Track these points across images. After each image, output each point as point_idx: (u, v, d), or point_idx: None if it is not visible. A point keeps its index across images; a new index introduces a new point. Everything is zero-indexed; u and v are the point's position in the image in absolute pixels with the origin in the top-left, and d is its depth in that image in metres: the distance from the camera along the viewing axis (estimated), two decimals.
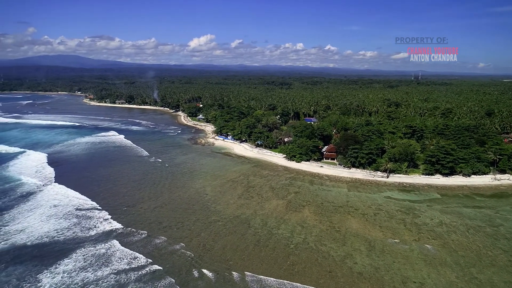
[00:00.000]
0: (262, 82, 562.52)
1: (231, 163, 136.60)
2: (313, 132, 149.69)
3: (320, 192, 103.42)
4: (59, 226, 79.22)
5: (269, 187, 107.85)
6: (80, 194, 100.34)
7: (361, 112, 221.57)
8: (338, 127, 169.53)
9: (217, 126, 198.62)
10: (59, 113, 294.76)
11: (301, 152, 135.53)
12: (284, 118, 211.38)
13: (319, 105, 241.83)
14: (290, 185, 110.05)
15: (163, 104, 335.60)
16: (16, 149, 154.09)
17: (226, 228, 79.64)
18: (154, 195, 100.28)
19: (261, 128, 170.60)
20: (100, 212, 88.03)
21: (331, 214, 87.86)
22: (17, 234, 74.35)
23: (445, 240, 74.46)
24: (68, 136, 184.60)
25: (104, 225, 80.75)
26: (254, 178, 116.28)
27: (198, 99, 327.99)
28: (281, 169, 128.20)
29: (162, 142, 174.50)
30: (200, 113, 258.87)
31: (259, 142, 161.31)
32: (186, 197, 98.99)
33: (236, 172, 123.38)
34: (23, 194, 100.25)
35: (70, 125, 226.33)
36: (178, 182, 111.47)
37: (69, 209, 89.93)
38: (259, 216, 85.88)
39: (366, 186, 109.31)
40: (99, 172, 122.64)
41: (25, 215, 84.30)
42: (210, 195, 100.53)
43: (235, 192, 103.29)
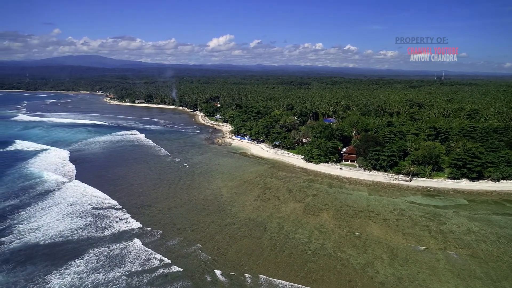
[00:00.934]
0: (281, 82, 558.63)
1: (247, 163, 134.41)
2: (332, 133, 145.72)
3: (339, 196, 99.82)
4: (75, 225, 78.81)
5: (286, 189, 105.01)
6: (97, 193, 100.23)
7: (382, 113, 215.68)
8: (358, 128, 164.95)
9: (234, 126, 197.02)
10: (80, 112, 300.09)
11: (320, 153, 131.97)
12: (303, 119, 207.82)
13: (338, 105, 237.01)
14: (308, 187, 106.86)
15: (181, 103, 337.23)
16: (38, 147, 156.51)
17: (241, 231, 77.36)
18: (169, 195, 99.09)
19: (278, 128, 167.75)
20: (116, 211, 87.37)
21: (350, 218, 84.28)
22: (31, 233, 74.21)
23: (474, 250, 69.85)
24: (87, 135, 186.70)
25: (119, 225, 79.85)
26: (271, 180, 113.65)
27: (216, 98, 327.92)
28: (299, 170, 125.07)
29: (179, 142, 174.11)
30: (217, 113, 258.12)
31: (277, 143, 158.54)
32: (202, 198, 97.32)
33: (252, 173, 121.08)
34: (42, 192, 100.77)
35: (90, 123, 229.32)
36: (194, 183, 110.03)
37: (85, 208, 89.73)
38: (276, 220, 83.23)
39: (387, 190, 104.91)
40: (116, 171, 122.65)
41: (41, 214, 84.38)
42: (226, 196, 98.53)
43: (251, 193, 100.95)
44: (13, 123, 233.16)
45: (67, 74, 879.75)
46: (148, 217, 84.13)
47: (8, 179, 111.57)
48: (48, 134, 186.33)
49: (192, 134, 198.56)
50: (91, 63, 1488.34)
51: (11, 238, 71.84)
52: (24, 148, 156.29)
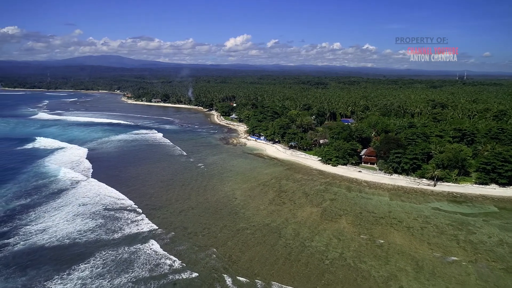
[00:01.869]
0: (297, 82, 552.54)
1: (262, 165, 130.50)
2: (351, 134, 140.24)
3: (358, 200, 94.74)
4: (84, 227, 76.62)
5: (303, 192, 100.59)
6: (110, 192, 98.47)
7: (402, 114, 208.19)
8: (377, 129, 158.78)
9: (249, 126, 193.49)
10: (97, 110, 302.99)
11: (338, 155, 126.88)
12: (320, 119, 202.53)
13: (357, 105, 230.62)
14: (326, 191, 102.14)
15: (197, 103, 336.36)
16: (54, 145, 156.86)
17: (254, 237, 73.52)
18: (181, 197, 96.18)
19: (295, 128, 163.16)
20: (128, 213, 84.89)
21: (371, 225, 79.25)
22: (38, 235, 72.25)
23: (509, 264, 63.92)
24: (103, 134, 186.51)
25: (130, 228, 77.19)
26: (286, 182, 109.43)
27: (232, 98, 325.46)
28: (316, 173, 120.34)
29: (194, 141, 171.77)
30: (233, 112, 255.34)
31: (293, 144, 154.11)
32: (214, 200, 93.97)
33: (267, 175, 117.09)
34: (54, 191, 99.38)
35: (106, 122, 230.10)
36: (207, 184, 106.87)
37: (97, 208, 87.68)
38: (291, 225, 79.02)
39: (410, 195, 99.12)
40: (129, 171, 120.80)
41: (51, 214, 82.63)
42: (240, 199, 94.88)
43: (266, 197, 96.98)
44: (32, 121, 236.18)
45: (87, 74, 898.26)
46: (158, 220, 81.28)
47: (22, 178, 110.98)
48: (64, 133, 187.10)
49: (207, 133, 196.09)
50: (111, 63, 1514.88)
51: (17, 239, 69.97)
52: (40, 146, 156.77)
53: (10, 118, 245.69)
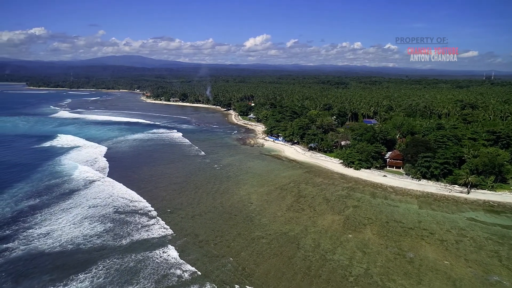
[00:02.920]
0: (317, 82, 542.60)
1: (280, 167, 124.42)
2: (374, 135, 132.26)
3: (384, 208, 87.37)
4: (91, 231, 72.62)
5: (323, 198, 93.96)
6: (123, 194, 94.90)
7: (428, 114, 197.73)
8: (403, 131, 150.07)
9: (267, 126, 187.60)
10: (115, 109, 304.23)
11: (361, 158, 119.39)
12: (341, 119, 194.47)
13: (379, 105, 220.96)
14: (348, 196, 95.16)
15: (215, 102, 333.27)
16: (70, 144, 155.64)
17: (271, 247, 67.63)
18: (194, 201, 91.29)
19: (315, 129, 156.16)
20: (139, 217, 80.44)
21: (399, 237, 72.02)
22: (40, 239, 68.53)
23: None
24: (119, 133, 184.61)
25: (139, 234, 72.49)
26: (305, 186, 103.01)
27: (251, 97, 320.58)
28: (337, 176, 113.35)
29: (210, 142, 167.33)
30: (251, 112, 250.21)
31: (313, 145, 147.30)
32: (229, 205, 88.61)
33: (285, 178, 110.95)
34: (65, 191, 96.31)
35: (123, 121, 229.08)
36: (221, 187, 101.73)
37: (107, 211, 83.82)
38: (311, 235, 72.72)
39: (441, 203, 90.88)
40: (142, 171, 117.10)
41: (58, 216, 79.10)
42: (255, 204, 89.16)
43: (284, 202, 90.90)
44: (51, 119, 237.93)
45: (109, 74, 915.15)
46: (169, 226, 76.45)
47: (36, 177, 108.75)
48: (81, 132, 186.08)
49: (224, 133, 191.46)
50: (132, 63, 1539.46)
51: (16, 244, 66.26)
52: (57, 144, 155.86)
53: (31, 116, 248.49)
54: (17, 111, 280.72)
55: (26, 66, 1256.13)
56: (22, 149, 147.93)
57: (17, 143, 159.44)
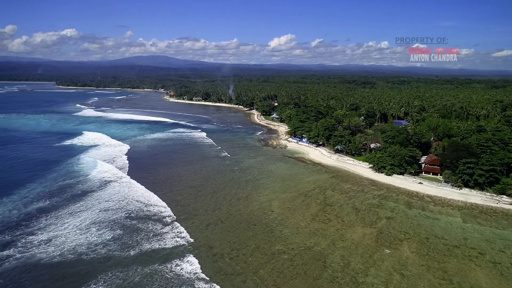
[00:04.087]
0: (342, 81, 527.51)
1: (304, 171, 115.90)
2: (407, 138, 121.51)
3: (422, 221, 77.40)
4: (96, 239, 66.93)
5: (352, 207, 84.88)
6: (139, 197, 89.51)
7: (465, 116, 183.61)
8: (438, 133, 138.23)
9: (291, 126, 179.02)
10: (138, 108, 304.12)
11: (393, 162, 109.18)
12: (369, 120, 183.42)
13: (410, 105, 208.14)
14: (380, 206, 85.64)
15: (238, 101, 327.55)
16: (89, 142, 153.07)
17: (293, 264, 59.57)
18: (210, 207, 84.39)
19: (342, 130, 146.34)
20: (152, 224, 74.12)
21: (443, 257, 62.24)
22: (40, 246, 63.10)
23: None
24: (138, 132, 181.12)
25: (150, 243, 65.93)
26: (332, 193, 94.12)
27: (274, 97, 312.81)
28: (367, 183, 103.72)
29: (231, 142, 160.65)
30: (274, 112, 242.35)
31: (339, 147, 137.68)
32: (247, 212, 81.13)
33: (310, 183, 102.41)
34: (77, 193, 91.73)
35: (144, 120, 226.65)
36: (240, 192, 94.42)
37: (118, 215, 78.28)
38: (339, 251, 64.13)
39: (489, 216, 79.89)
40: (158, 173, 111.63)
41: (64, 221, 74.03)
42: (277, 212, 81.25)
43: (308, 211, 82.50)
44: (74, 118, 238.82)
45: (135, 73, 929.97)
46: (181, 235, 69.86)
47: (51, 176, 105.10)
48: (100, 130, 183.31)
49: (245, 133, 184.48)
50: (158, 63, 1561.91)
51: (12, 252, 60.96)
52: (77, 143, 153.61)
53: (55, 114, 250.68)
54: (43, 109, 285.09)
55: (57, 66, 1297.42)
56: (41, 147, 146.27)
57: (37, 141, 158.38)
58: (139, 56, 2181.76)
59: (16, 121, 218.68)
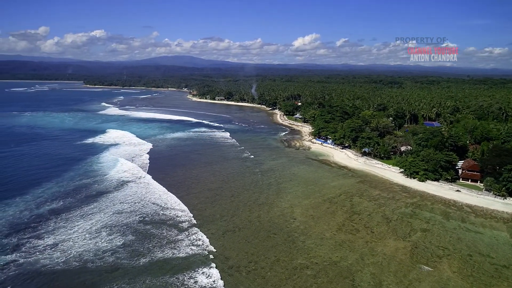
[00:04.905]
0: (368, 81, 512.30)
1: (329, 174, 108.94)
2: (442, 141, 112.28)
3: (463, 234, 69.20)
4: (106, 245, 62.88)
5: (382, 216, 77.50)
6: (156, 199, 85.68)
7: (504, 117, 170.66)
8: (475, 136, 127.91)
9: (315, 127, 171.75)
10: (160, 107, 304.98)
11: (427, 167, 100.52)
12: (399, 121, 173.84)
13: (443, 106, 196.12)
14: (413, 216, 77.83)
15: (261, 101, 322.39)
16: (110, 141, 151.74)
17: (317, 282, 53.27)
18: (228, 212, 79.16)
19: (369, 132, 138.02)
20: (167, 230, 69.60)
21: (490, 279, 54.26)
22: (45, 252, 59.47)
23: None
24: (159, 131, 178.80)
25: (163, 252, 61.15)
26: (360, 200, 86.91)
27: (297, 97, 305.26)
28: (398, 189, 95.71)
29: (252, 143, 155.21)
30: (297, 112, 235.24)
31: (366, 150, 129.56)
32: (268, 220, 75.33)
33: (335, 188, 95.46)
34: (92, 193, 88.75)
35: (166, 119, 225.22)
36: (260, 197, 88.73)
37: (132, 219, 74.39)
38: (369, 267, 57.29)
39: None
40: (176, 174, 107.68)
41: (74, 224, 70.60)
42: (299, 220, 75.02)
43: (333, 219, 75.82)
44: (97, 116, 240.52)
45: (160, 73, 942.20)
46: (196, 243, 64.96)
47: (68, 176, 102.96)
48: (122, 129, 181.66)
49: (268, 134, 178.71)
50: (183, 63, 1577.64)
51: (14, 257, 57.47)
52: (98, 142, 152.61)
53: (80, 113, 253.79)
54: (69, 107, 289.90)
55: (86, 66, 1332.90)
56: (62, 145, 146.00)
57: (60, 139, 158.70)
58: (164, 56, 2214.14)
59: (42, 119, 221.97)
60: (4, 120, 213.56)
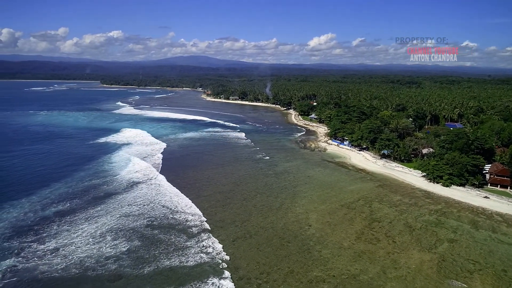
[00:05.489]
0: (385, 81, 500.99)
1: (346, 177, 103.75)
2: (468, 143, 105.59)
3: (495, 246, 63.32)
4: (109, 251, 59.69)
5: (405, 224, 72.12)
6: (166, 202, 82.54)
7: None
8: (503, 138, 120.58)
9: (331, 127, 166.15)
10: (174, 106, 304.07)
11: (452, 172, 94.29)
12: (419, 122, 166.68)
13: (465, 106, 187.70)
14: (439, 224, 72.17)
15: (275, 101, 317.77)
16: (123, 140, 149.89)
17: None
18: (239, 217, 75.14)
19: (389, 133, 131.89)
20: (175, 235, 65.98)
21: None
22: (45, 257, 56.54)
23: None
24: (171, 131, 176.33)
25: (169, 259, 57.58)
26: (380, 206, 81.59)
27: (313, 96, 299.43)
28: (420, 194, 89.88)
29: (266, 143, 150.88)
30: (312, 112, 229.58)
31: (386, 152, 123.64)
32: (281, 226, 70.96)
33: (353, 192, 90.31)
34: (100, 195, 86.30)
35: (179, 118, 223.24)
36: (274, 201, 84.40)
37: (139, 223, 71.28)
38: (392, 282, 52.31)
39: None
40: (186, 175, 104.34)
41: (78, 227, 67.74)
42: (315, 227, 70.36)
43: (352, 227, 70.87)
44: (111, 115, 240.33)
45: (176, 73, 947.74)
46: (205, 251, 61.17)
47: (78, 176, 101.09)
48: (134, 128, 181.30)
49: (282, 134, 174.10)
50: (198, 63, 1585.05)
51: (12, 262, 54.69)
52: (111, 141, 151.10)
53: (94, 112, 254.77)
54: (84, 106, 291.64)
55: (103, 66, 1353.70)
56: (74, 144, 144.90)
57: (72, 138, 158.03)
58: (180, 56, 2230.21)
59: (57, 118, 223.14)
60: (20, 119, 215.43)
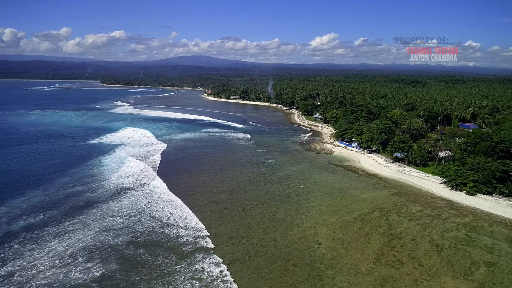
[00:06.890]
0: (389, 80, 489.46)
1: (357, 184, 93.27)
2: (492, 146, 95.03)
3: None
4: (77, 276, 49.57)
5: (430, 242, 61.64)
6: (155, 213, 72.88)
7: None
8: None
9: (337, 128, 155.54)
10: (173, 105, 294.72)
11: (477, 178, 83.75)
12: (431, 122, 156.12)
13: (478, 106, 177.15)
14: (470, 242, 61.67)
15: (277, 100, 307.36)
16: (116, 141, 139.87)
17: None
18: (237, 233, 64.80)
19: (400, 134, 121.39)
20: (162, 256, 56.02)
21: None
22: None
23: None
24: (167, 131, 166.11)
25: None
26: (398, 219, 71.15)
27: (316, 96, 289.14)
28: (443, 204, 79.35)
29: (268, 145, 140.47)
30: (316, 112, 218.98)
31: (398, 155, 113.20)
32: (285, 244, 60.60)
33: (366, 202, 79.87)
34: (79, 204, 76.34)
35: (177, 118, 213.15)
36: (277, 212, 74.08)
37: (120, 240, 61.43)
38: None
39: None
40: (180, 181, 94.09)
41: (46, 244, 56.94)
42: (325, 246, 59.98)
43: (369, 245, 60.44)
44: (106, 114, 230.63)
45: (177, 73, 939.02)
46: (197, 277, 51.00)
47: (60, 181, 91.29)
48: (131, 127, 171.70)
49: (285, 135, 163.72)
50: (200, 63, 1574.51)
51: None
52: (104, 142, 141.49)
53: (90, 111, 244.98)
54: (80, 105, 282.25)
55: (105, 66, 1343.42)
56: (63, 146, 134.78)
57: (63, 139, 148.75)
58: (182, 56, 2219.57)
59: (50, 117, 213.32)
60: (10, 119, 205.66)
